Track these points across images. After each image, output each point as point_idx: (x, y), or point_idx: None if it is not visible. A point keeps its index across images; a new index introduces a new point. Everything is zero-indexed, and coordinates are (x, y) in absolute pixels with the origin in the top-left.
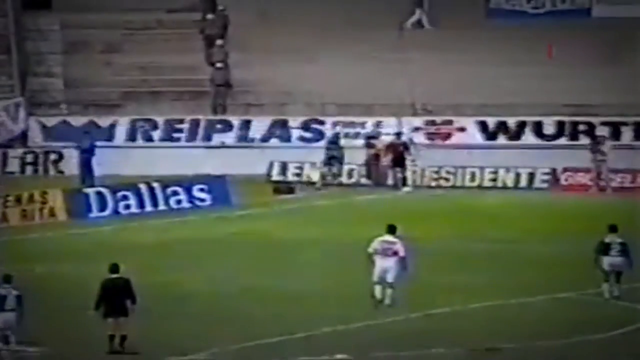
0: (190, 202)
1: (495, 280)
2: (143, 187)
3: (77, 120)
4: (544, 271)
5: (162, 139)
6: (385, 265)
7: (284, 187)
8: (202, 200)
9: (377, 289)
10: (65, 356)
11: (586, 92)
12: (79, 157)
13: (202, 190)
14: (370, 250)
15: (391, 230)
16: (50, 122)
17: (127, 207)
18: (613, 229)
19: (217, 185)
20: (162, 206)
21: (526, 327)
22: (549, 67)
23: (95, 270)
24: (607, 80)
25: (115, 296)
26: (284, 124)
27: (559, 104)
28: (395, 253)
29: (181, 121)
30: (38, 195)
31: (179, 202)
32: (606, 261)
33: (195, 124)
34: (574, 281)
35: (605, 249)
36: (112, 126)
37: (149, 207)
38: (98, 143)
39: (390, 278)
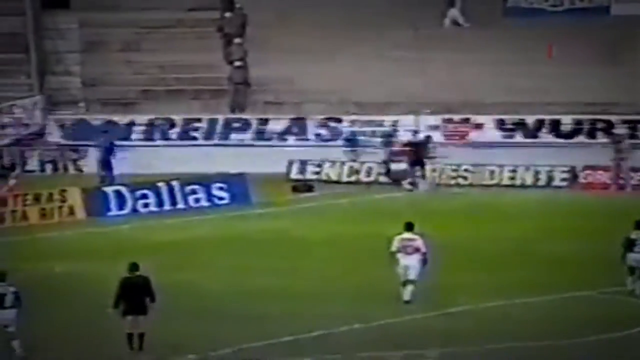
0: (209, 200)
1: (514, 279)
2: (162, 186)
3: (96, 119)
4: (564, 270)
5: (180, 138)
6: (407, 263)
7: (302, 186)
8: (221, 198)
9: (403, 290)
10: (84, 354)
11: (604, 90)
12: (98, 155)
13: (221, 188)
14: (393, 249)
15: (409, 227)
16: (69, 120)
17: (146, 205)
18: (639, 225)
19: (236, 183)
20: (181, 205)
21: (545, 325)
22: (567, 65)
23: (114, 268)
24: (625, 78)
25: (134, 294)
26: (302, 123)
27: (577, 102)
28: (417, 250)
29: (199, 120)
30: (57, 194)
31: (197, 200)
32: (631, 257)
33: (213, 122)
34: (593, 279)
35: (630, 245)
36: (130, 125)
37: (167, 206)
38: (117, 141)
39: (412, 275)
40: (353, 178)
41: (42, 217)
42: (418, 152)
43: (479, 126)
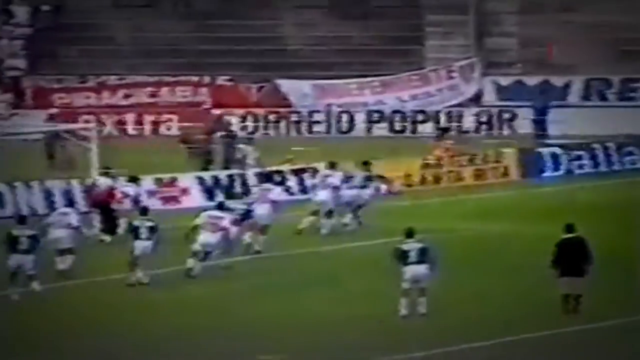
0: None
1: None
2: (597, 147)
3: (532, 80)
4: None
5: (619, 98)
6: None
7: None
8: None
9: None
10: (516, 314)
11: None
12: (534, 116)
13: None
14: None
15: None
16: (505, 81)
17: (581, 167)
18: None
19: None
20: (616, 166)
21: None
22: None
23: (550, 229)
24: None
25: (571, 256)
26: None
27: None
28: None
29: (637, 80)
30: (492, 155)
31: (633, 162)
32: None
33: None
34: None
35: None
36: (567, 85)
37: (602, 167)
38: (552, 103)
39: None
40: None
41: (476, 178)
42: None
43: None
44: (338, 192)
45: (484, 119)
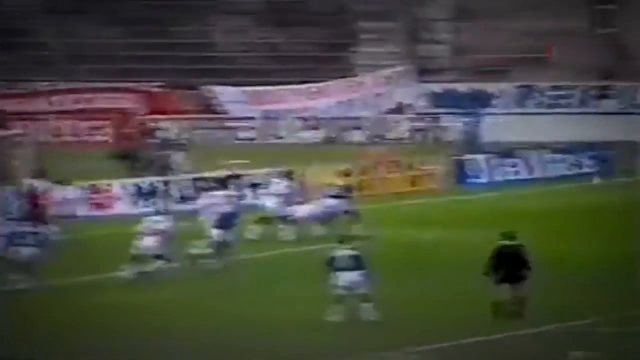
0: (576, 169)
1: None
2: (529, 154)
3: (463, 87)
4: None
5: (549, 106)
6: None
7: None
8: (588, 167)
9: None
10: (448, 316)
11: None
12: (464, 123)
13: (588, 157)
14: None
15: None
16: (437, 88)
17: (513, 173)
18: None
19: (603, 153)
20: (548, 173)
21: None
22: None
23: (483, 236)
24: None
25: (509, 263)
26: None
27: None
28: None
29: (568, 87)
30: (424, 162)
31: (564, 169)
32: None
33: (582, 91)
34: None
35: None
36: (498, 93)
37: (535, 174)
38: (484, 110)
39: None
40: None
41: (409, 185)
42: None
43: None
44: (285, 199)
45: (416, 126)
